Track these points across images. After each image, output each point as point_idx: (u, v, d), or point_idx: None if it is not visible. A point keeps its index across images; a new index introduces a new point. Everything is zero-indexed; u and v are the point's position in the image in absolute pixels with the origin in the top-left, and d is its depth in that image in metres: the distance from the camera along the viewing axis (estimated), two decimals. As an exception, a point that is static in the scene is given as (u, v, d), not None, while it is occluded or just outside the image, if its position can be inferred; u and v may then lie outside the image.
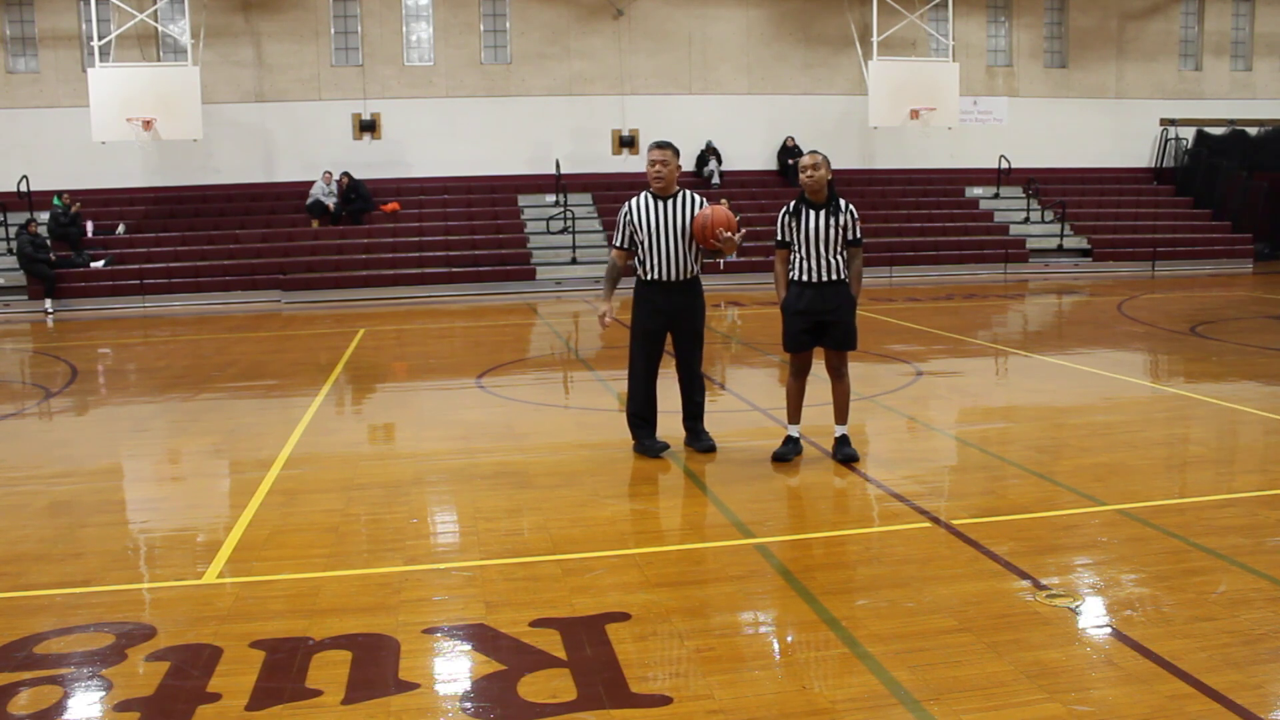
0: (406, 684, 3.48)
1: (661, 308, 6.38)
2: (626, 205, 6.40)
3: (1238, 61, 25.14)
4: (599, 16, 22.19)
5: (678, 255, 6.31)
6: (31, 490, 6.17)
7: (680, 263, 6.33)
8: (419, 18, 21.88)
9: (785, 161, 22.16)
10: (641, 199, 6.37)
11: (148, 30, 20.36)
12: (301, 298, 18.62)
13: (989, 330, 13.65)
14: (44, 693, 3.44)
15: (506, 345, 12.96)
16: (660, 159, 6.27)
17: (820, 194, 6.08)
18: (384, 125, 21.60)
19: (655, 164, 6.28)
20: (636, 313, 6.46)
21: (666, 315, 6.41)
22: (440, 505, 5.72)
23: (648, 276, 6.36)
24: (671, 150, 6.33)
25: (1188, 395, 8.41)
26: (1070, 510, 5.30)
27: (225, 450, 7.24)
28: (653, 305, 6.38)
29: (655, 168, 6.27)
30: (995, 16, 24.13)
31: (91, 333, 15.12)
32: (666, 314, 6.40)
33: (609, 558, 4.71)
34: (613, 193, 21.19)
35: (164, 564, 4.88)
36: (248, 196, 21.07)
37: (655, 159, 6.29)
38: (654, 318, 6.40)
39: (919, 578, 4.35)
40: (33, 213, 19.01)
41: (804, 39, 23.00)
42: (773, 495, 5.74)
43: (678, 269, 6.33)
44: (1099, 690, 3.32)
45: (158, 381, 10.45)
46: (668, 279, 6.33)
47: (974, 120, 23.43)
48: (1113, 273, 21.03)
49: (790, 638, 3.83)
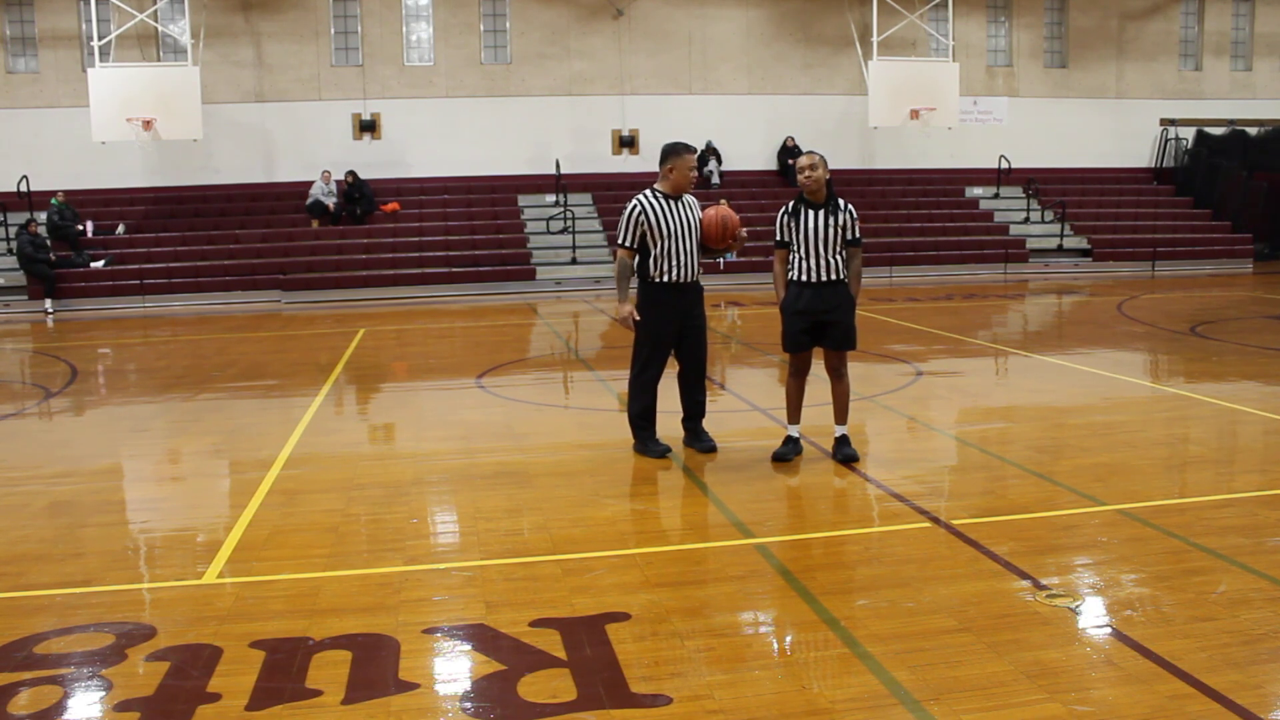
0: (406, 684, 3.48)
1: (676, 309, 6.39)
2: (636, 205, 6.32)
3: (1238, 61, 25.15)
4: (599, 16, 22.19)
5: (692, 256, 6.37)
6: (32, 490, 6.17)
7: (694, 263, 6.39)
8: (419, 18, 21.88)
9: (785, 161, 22.16)
10: (653, 199, 6.33)
11: (148, 30, 20.37)
12: (301, 298, 18.63)
13: (989, 330, 13.65)
14: (44, 693, 3.44)
15: (506, 345, 12.96)
16: (695, 164, 6.42)
17: (819, 194, 6.08)
18: (384, 125, 21.61)
19: (692, 170, 6.37)
20: (649, 315, 6.40)
21: (680, 317, 6.42)
22: (440, 505, 5.72)
23: (664, 279, 6.33)
24: (695, 152, 6.49)
25: (1188, 395, 8.41)
26: (1070, 510, 5.30)
27: (225, 450, 7.24)
28: (668, 308, 6.37)
29: (693, 174, 6.37)
30: (995, 16, 24.13)
31: (91, 333, 15.12)
32: (680, 315, 6.41)
33: (609, 558, 4.71)
34: (613, 193, 21.19)
35: (164, 564, 4.88)
36: (248, 196, 21.07)
37: (694, 165, 6.39)
38: (669, 322, 6.40)
39: (919, 578, 4.35)
40: (33, 213, 19.02)
41: (804, 39, 23.00)
42: (773, 495, 5.74)
43: (692, 270, 6.37)
44: (1099, 690, 3.32)
45: (158, 381, 10.45)
46: (683, 280, 6.35)
47: (974, 120, 23.42)
48: (1113, 273, 21.03)
49: (790, 638, 3.83)
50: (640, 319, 6.40)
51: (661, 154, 6.40)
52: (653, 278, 6.36)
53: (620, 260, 6.46)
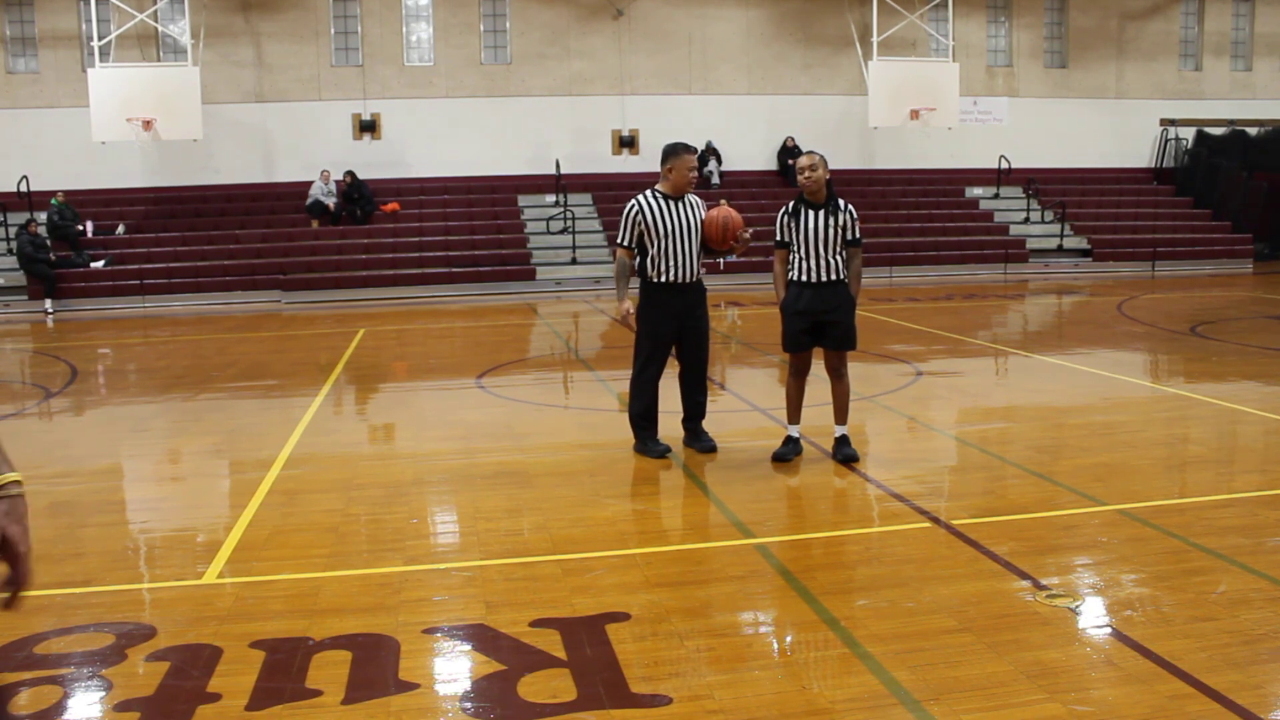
0: (406, 684, 3.48)
1: (675, 310, 6.38)
2: (635, 204, 6.34)
3: (1238, 61, 25.14)
4: (599, 16, 22.19)
5: (692, 256, 6.35)
6: (32, 490, 6.11)
7: (694, 264, 6.37)
8: (419, 18, 21.88)
9: (785, 162, 22.15)
10: (651, 199, 6.34)
11: (148, 30, 20.36)
12: (301, 298, 18.62)
13: (989, 330, 13.65)
14: (44, 693, 3.44)
15: (506, 345, 12.96)
16: (695, 164, 6.40)
17: (819, 194, 6.08)
18: (384, 125, 21.60)
19: (692, 170, 6.35)
20: (649, 316, 6.42)
21: (679, 317, 6.41)
22: (440, 505, 5.72)
23: (662, 279, 6.33)
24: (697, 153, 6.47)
25: (1188, 395, 8.41)
26: (1070, 510, 5.30)
27: (225, 450, 7.24)
28: (667, 308, 6.37)
29: (692, 174, 6.35)
30: (995, 16, 24.13)
31: (91, 333, 15.12)
32: (679, 316, 6.40)
33: (609, 558, 4.71)
34: (613, 193, 21.19)
35: (164, 564, 4.88)
36: (248, 196, 21.06)
37: (694, 165, 6.38)
38: (668, 321, 6.40)
39: (919, 578, 4.35)
40: (33, 213, 19.01)
41: (804, 39, 22.99)
42: (773, 495, 5.74)
43: (691, 270, 6.36)
44: (1099, 690, 3.32)
45: (158, 382, 10.45)
46: (682, 280, 6.34)
47: (974, 120, 23.42)
48: (1113, 273, 21.03)
49: (790, 638, 3.83)
50: (641, 318, 6.41)
51: (662, 154, 6.41)
52: (651, 277, 6.38)
53: (619, 259, 6.48)
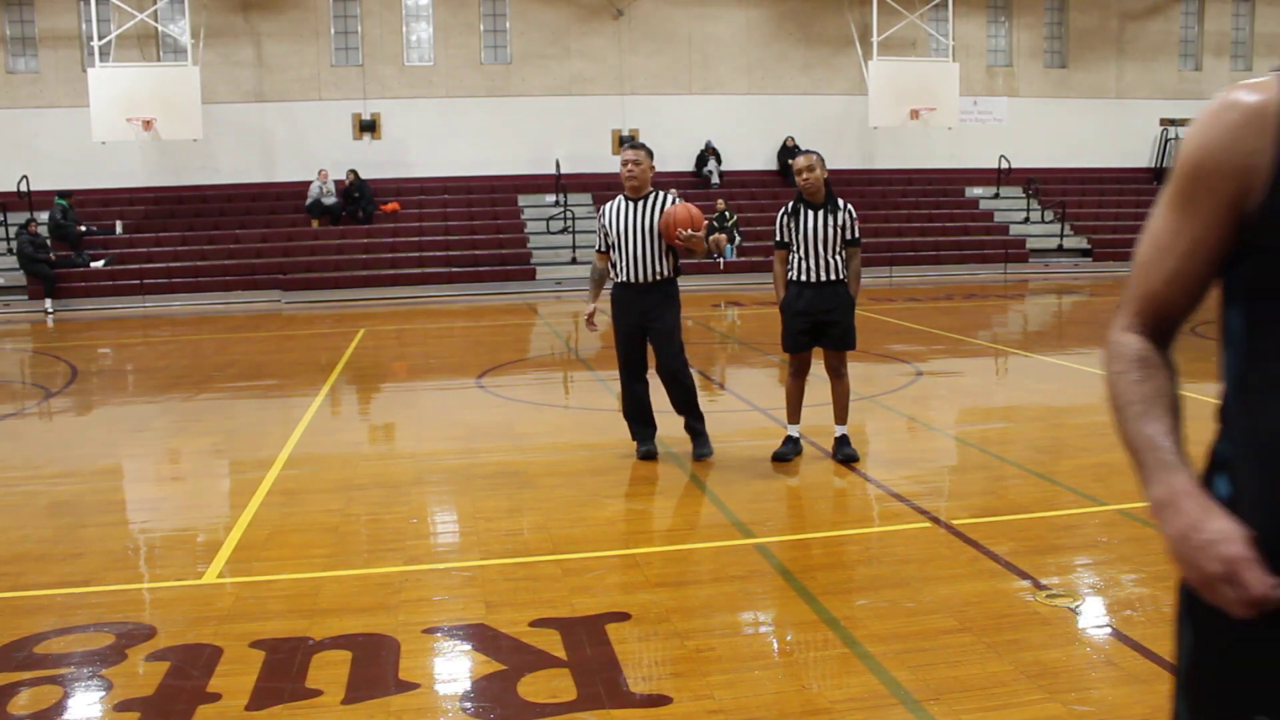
0: (406, 684, 3.48)
1: (633, 309, 6.31)
2: (602, 208, 6.43)
3: (1238, 61, 25.14)
4: (599, 16, 22.19)
5: (645, 256, 6.19)
6: (32, 490, 6.16)
7: (648, 264, 6.20)
8: (419, 18, 21.88)
9: (785, 162, 22.13)
10: (615, 201, 6.37)
11: (148, 30, 20.36)
12: (301, 298, 18.62)
13: (989, 330, 13.65)
14: (44, 693, 3.44)
15: (506, 345, 12.96)
16: (633, 159, 6.19)
17: (818, 195, 6.08)
18: (384, 125, 21.60)
19: (627, 164, 6.20)
20: (613, 314, 6.48)
21: (639, 316, 6.30)
22: (440, 505, 5.72)
23: (619, 278, 6.36)
24: (644, 150, 6.28)
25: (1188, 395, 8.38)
26: (1070, 510, 5.30)
27: (225, 450, 7.24)
28: (625, 306, 6.36)
29: (628, 168, 6.19)
30: (995, 16, 24.13)
31: (91, 333, 15.12)
32: (639, 315, 6.30)
33: (609, 558, 4.71)
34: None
35: (164, 564, 4.88)
36: (248, 196, 21.06)
37: (628, 159, 6.21)
38: (627, 319, 6.37)
39: (919, 578, 4.35)
40: (33, 213, 19.00)
41: (804, 39, 22.99)
42: (773, 495, 5.74)
43: (646, 270, 6.21)
44: (1099, 690, 3.32)
45: (158, 381, 10.45)
46: (636, 280, 6.24)
47: (974, 120, 23.42)
48: (1113, 273, 21.01)
49: (790, 638, 3.83)
50: (612, 319, 6.48)
51: None
52: (613, 278, 6.43)
53: (592, 263, 6.64)
